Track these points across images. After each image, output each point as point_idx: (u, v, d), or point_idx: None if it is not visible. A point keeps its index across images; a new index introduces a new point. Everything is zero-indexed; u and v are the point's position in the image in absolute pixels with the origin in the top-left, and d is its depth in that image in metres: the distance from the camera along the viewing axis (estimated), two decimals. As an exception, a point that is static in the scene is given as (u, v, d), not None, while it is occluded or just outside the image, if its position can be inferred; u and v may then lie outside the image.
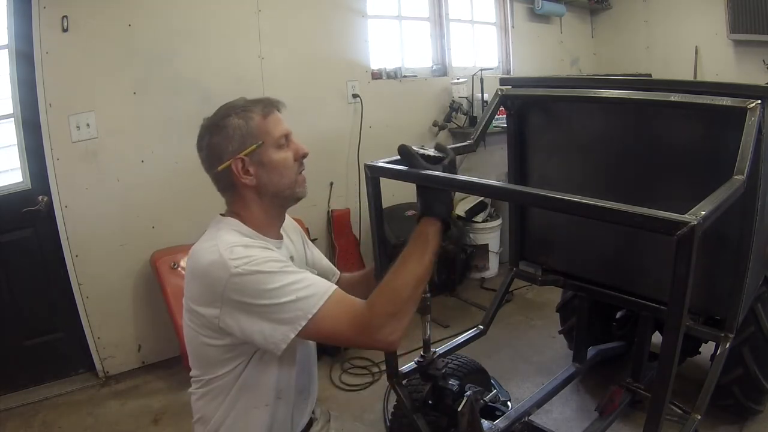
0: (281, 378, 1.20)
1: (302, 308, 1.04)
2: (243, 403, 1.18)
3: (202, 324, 1.12)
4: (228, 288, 1.04)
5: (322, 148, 3.28)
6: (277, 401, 1.21)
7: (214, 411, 1.19)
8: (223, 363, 1.15)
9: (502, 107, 1.98)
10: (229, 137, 1.15)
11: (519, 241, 2.20)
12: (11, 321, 2.62)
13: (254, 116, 1.17)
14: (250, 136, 1.16)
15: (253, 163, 1.16)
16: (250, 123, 1.16)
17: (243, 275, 1.04)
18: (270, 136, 1.17)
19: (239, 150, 1.15)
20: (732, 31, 4.00)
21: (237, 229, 1.16)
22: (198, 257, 1.11)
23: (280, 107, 1.23)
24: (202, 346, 1.14)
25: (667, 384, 1.03)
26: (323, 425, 1.42)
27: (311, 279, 1.09)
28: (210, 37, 2.88)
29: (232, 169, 1.16)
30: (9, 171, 2.57)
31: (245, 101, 1.20)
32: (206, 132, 1.19)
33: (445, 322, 3.23)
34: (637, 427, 2.15)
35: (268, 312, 1.04)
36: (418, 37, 3.92)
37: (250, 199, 1.19)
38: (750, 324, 1.98)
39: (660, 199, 1.65)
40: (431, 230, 1.13)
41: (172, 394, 2.63)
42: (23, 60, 2.44)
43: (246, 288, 1.04)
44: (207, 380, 1.19)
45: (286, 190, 1.21)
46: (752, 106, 1.33)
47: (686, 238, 0.87)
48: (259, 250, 1.09)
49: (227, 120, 1.16)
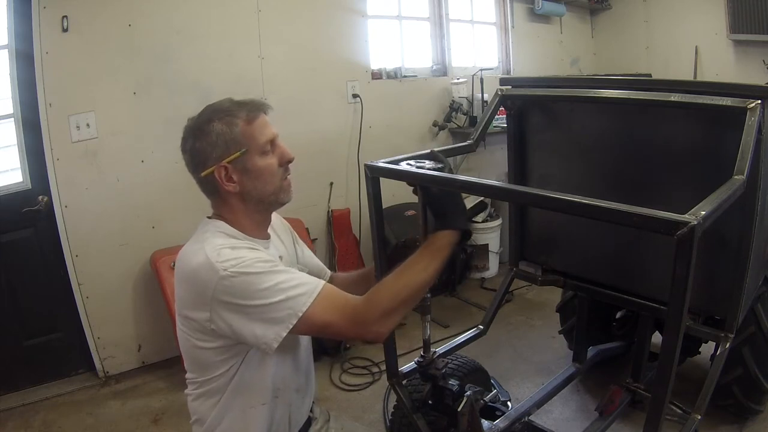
0: (277, 377, 1.20)
1: (293, 306, 1.04)
2: (240, 403, 1.18)
3: (194, 328, 1.12)
4: (217, 290, 1.04)
5: (322, 148, 3.29)
6: (274, 400, 1.21)
7: (210, 411, 1.19)
8: (217, 365, 1.15)
9: (502, 107, 1.97)
10: (213, 143, 1.13)
11: (519, 241, 2.20)
12: (11, 321, 2.62)
13: (238, 121, 1.14)
14: (234, 143, 1.13)
15: (236, 170, 1.14)
16: (234, 129, 1.13)
17: (232, 277, 1.03)
18: (254, 142, 1.15)
19: (222, 156, 1.13)
20: (732, 31, 4.00)
21: (224, 231, 1.16)
22: (185, 261, 1.11)
23: (267, 110, 1.19)
24: (195, 350, 1.15)
25: (667, 384, 1.03)
26: (322, 425, 1.42)
27: (300, 277, 1.09)
28: (210, 37, 2.88)
29: (215, 176, 1.14)
30: (9, 171, 2.57)
31: (230, 103, 1.17)
32: (190, 135, 1.17)
33: (445, 322, 3.23)
34: (637, 427, 2.15)
35: (259, 312, 1.04)
36: (418, 37, 3.92)
37: (235, 204, 1.18)
38: (750, 324, 1.97)
39: (660, 199, 1.65)
40: (446, 242, 1.13)
41: (172, 394, 2.63)
42: (23, 60, 2.44)
43: (235, 290, 1.04)
44: (202, 382, 1.19)
45: (271, 196, 1.19)
46: (752, 106, 1.33)
47: (686, 238, 0.87)
48: (246, 250, 1.09)
49: (210, 125, 1.13)
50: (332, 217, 3.38)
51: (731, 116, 1.36)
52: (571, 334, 2.61)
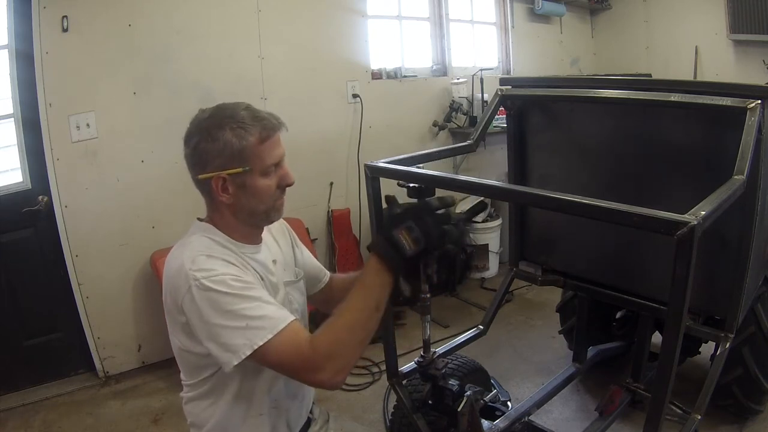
0: (274, 386, 1.19)
1: (250, 338, 1.00)
2: (238, 413, 1.17)
3: (178, 329, 1.12)
4: (186, 299, 1.04)
5: (322, 148, 3.29)
6: (272, 411, 1.20)
7: (203, 415, 1.19)
8: (201, 369, 1.15)
9: (502, 107, 1.98)
10: (218, 150, 1.10)
11: (519, 241, 2.20)
12: (11, 321, 2.62)
13: (250, 137, 1.10)
14: (239, 158, 1.10)
15: (234, 184, 1.12)
16: (243, 143, 1.09)
17: (200, 290, 1.02)
18: (260, 163, 1.11)
19: (224, 167, 1.10)
20: (732, 31, 4.00)
21: (210, 236, 1.14)
22: (167, 265, 1.12)
23: (282, 129, 1.15)
24: (182, 352, 1.15)
25: (667, 384, 1.03)
26: (322, 425, 1.41)
27: (267, 308, 1.04)
28: (210, 37, 2.87)
29: (211, 183, 1.12)
30: (9, 171, 2.57)
31: (247, 113, 1.12)
32: (197, 133, 1.13)
33: (445, 322, 3.23)
34: (637, 427, 2.15)
35: (215, 333, 1.02)
36: (418, 37, 3.91)
37: (225, 213, 1.16)
38: (750, 324, 1.97)
39: (660, 199, 1.65)
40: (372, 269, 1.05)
41: (172, 394, 2.62)
42: (23, 60, 2.44)
43: (200, 303, 1.02)
44: (192, 384, 1.19)
45: (261, 214, 1.17)
46: (752, 106, 1.33)
47: (686, 238, 0.87)
48: (220, 263, 1.06)
49: (221, 132, 1.09)
50: (332, 217, 3.38)
51: (731, 116, 1.36)
52: (571, 334, 2.61)
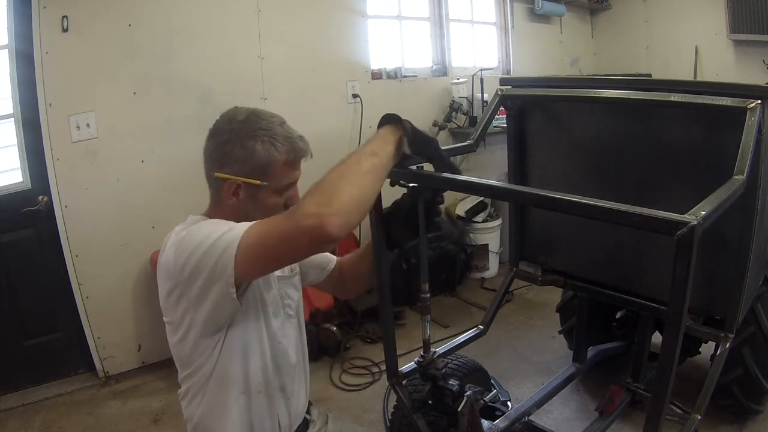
0: (255, 368, 1.20)
1: (237, 231, 1.01)
2: (219, 395, 1.19)
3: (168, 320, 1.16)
4: (172, 247, 1.08)
5: (322, 148, 3.22)
6: (248, 394, 1.20)
7: (191, 406, 1.22)
8: (192, 359, 1.17)
9: (502, 107, 1.97)
10: (242, 158, 1.12)
11: (519, 241, 2.19)
12: (11, 321, 2.62)
13: (278, 156, 1.13)
14: (260, 171, 1.12)
15: (246, 193, 1.15)
16: (269, 158, 1.12)
17: (182, 231, 1.09)
18: (277, 183, 1.15)
19: (243, 174, 1.13)
20: (732, 31, 4.00)
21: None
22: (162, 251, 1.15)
23: (307, 156, 1.19)
24: (174, 347, 1.19)
25: (667, 384, 1.03)
26: (321, 427, 1.41)
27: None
28: (210, 37, 2.87)
29: (224, 184, 1.14)
30: (9, 171, 2.57)
31: (281, 130, 1.15)
32: (227, 132, 1.14)
33: (445, 322, 3.23)
34: (637, 427, 2.15)
35: (205, 251, 1.02)
36: (418, 37, 3.92)
37: (224, 212, 1.18)
38: (750, 324, 1.98)
39: (660, 198, 1.65)
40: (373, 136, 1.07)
41: (172, 394, 2.62)
42: (23, 60, 2.44)
43: (185, 238, 1.07)
44: (185, 377, 1.22)
45: None
46: (752, 106, 1.33)
47: (686, 238, 0.87)
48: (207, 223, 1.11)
49: (252, 141, 1.11)
50: (332, 217, 3.37)
51: (731, 116, 1.36)
52: (571, 334, 2.61)
